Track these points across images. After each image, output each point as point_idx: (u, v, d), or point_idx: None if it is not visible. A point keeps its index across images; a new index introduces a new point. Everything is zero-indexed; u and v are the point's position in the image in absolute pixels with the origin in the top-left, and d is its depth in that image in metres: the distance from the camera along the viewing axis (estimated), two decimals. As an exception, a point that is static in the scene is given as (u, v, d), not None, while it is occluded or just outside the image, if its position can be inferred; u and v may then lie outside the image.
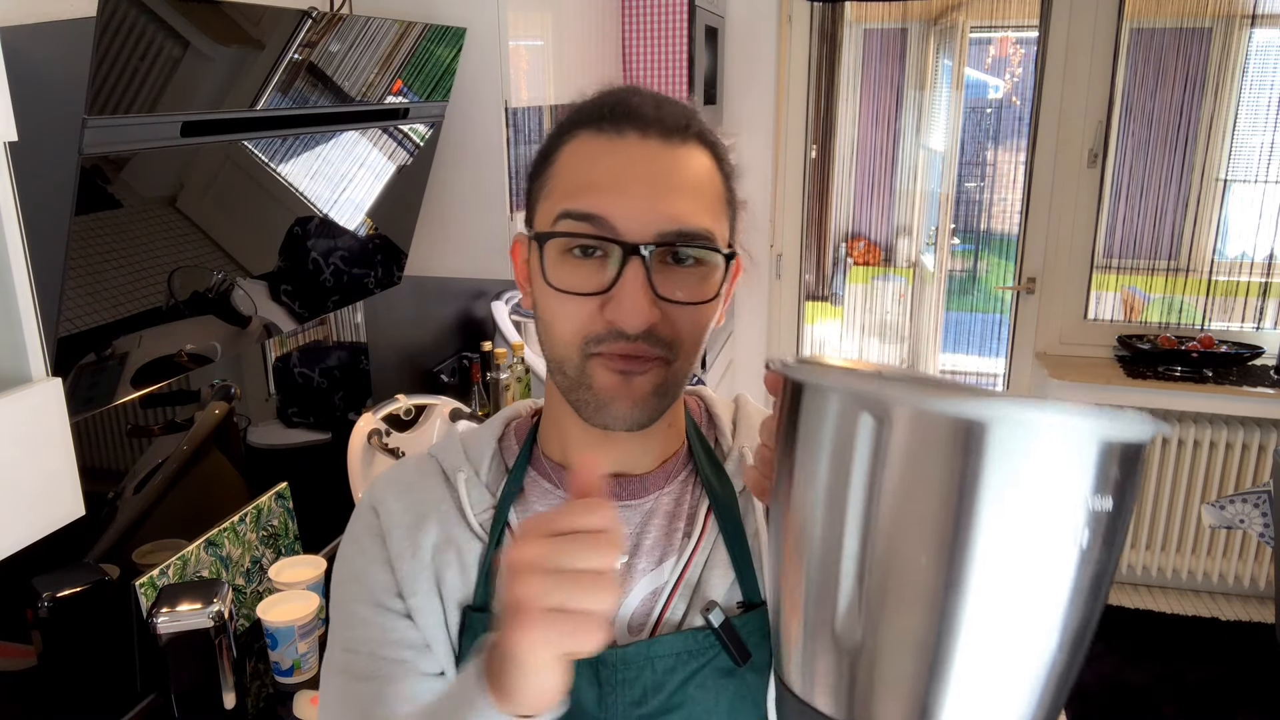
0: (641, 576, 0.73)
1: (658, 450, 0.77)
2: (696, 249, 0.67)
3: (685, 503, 0.76)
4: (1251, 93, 3.03)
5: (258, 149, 1.37)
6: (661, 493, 0.76)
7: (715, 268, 0.68)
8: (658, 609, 0.72)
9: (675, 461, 0.78)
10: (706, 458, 0.78)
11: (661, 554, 0.74)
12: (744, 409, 0.84)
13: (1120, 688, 2.80)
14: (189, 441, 1.57)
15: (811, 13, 3.21)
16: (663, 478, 0.77)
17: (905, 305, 3.93)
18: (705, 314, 0.69)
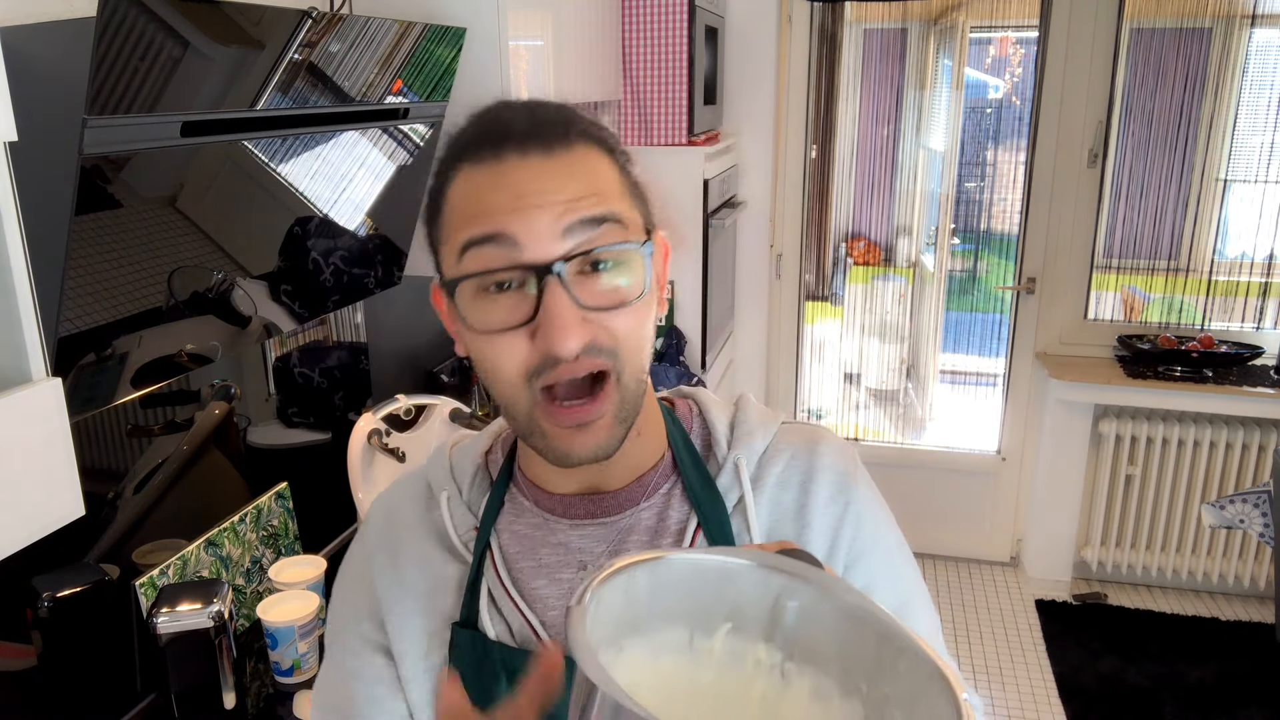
0: None
1: (628, 465, 0.73)
2: (610, 250, 0.63)
3: (670, 519, 0.73)
4: (1251, 93, 3.03)
5: (258, 149, 1.37)
6: (638, 508, 0.73)
7: (636, 261, 0.65)
8: None
9: (655, 474, 0.74)
10: (695, 469, 0.74)
11: None
12: (743, 413, 0.79)
13: (1120, 688, 2.80)
14: (189, 441, 1.57)
15: (811, 13, 3.21)
16: (639, 493, 0.73)
17: (905, 305, 3.93)
18: (640, 312, 0.66)
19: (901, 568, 0.76)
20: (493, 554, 0.75)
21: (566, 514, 0.74)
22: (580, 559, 0.73)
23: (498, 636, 0.72)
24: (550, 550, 0.73)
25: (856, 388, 4.00)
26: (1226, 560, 3.21)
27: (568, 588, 0.72)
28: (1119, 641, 3.02)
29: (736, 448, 0.75)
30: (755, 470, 0.74)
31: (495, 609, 0.73)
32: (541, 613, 0.72)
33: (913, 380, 4.04)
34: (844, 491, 0.74)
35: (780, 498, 0.73)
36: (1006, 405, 3.41)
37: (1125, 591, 3.32)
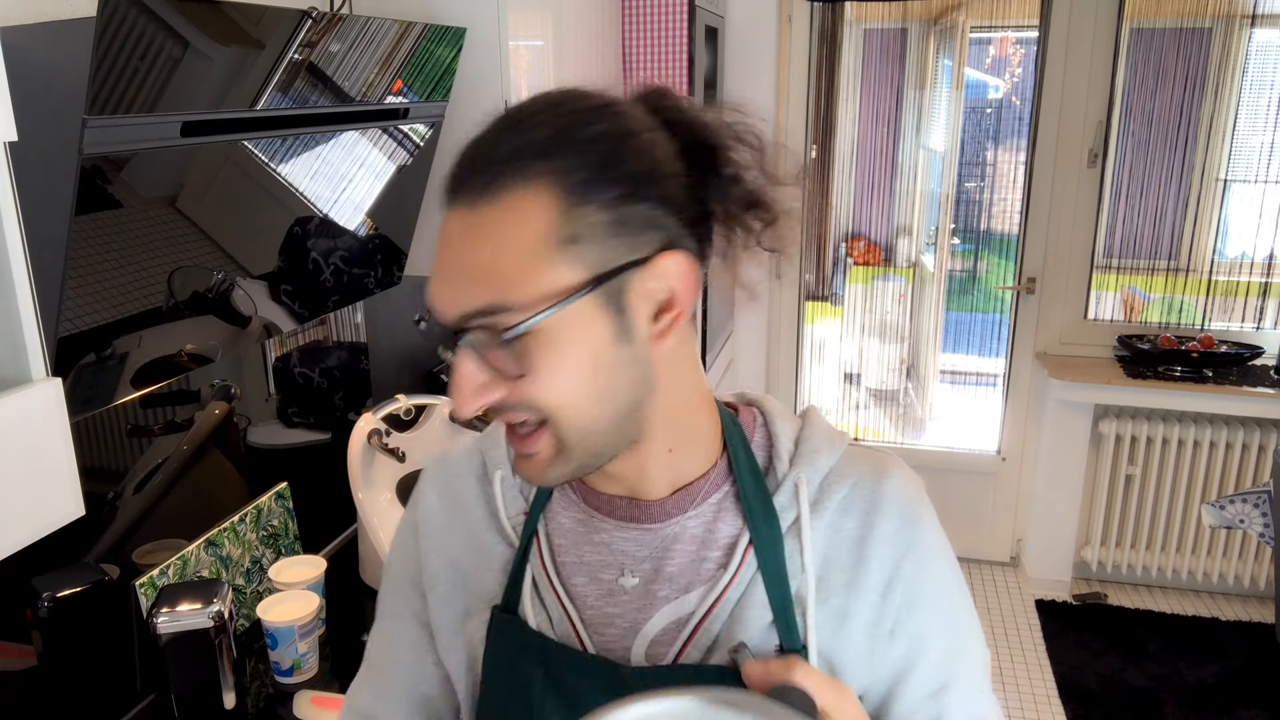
0: (664, 604, 0.70)
1: (664, 477, 0.71)
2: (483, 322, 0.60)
3: (720, 531, 0.70)
4: (1251, 93, 3.03)
5: (258, 149, 1.37)
6: (685, 516, 0.71)
7: (550, 329, 0.59)
8: (681, 639, 0.69)
9: (706, 483, 0.71)
10: (753, 481, 0.71)
11: (688, 582, 0.70)
12: (810, 428, 0.74)
13: (1120, 688, 2.80)
14: (189, 441, 1.57)
15: (811, 13, 3.21)
16: (684, 502, 0.71)
17: (905, 305, 3.93)
18: (555, 379, 0.60)
19: (957, 615, 0.73)
20: (539, 542, 0.74)
21: (611, 513, 0.72)
22: (621, 561, 0.72)
23: (538, 626, 0.72)
24: (593, 548, 0.73)
25: (856, 388, 4.00)
26: (1226, 560, 3.21)
27: (607, 589, 0.71)
28: (1119, 641, 3.02)
29: (799, 465, 0.72)
30: (817, 492, 0.71)
31: (538, 598, 0.73)
32: (581, 609, 0.72)
33: (913, 380, 4.04)
34: (909, 527, 0.70)
35: (841, 525, 0.70)
36: (1006, 405, 3.41)
37: (1125, 591, 3.32)
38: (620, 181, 0.60)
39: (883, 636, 0.69)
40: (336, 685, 1.47)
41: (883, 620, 0.69)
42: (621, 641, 0.70)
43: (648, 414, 0.66)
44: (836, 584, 0.69)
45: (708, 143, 0.65)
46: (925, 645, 0.70)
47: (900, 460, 0.75)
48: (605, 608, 0.71)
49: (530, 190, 0.59)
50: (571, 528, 0.74)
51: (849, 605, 0.68)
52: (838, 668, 0.68)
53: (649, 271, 0.61)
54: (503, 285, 0.59)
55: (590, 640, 0.71)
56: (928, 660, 0.70)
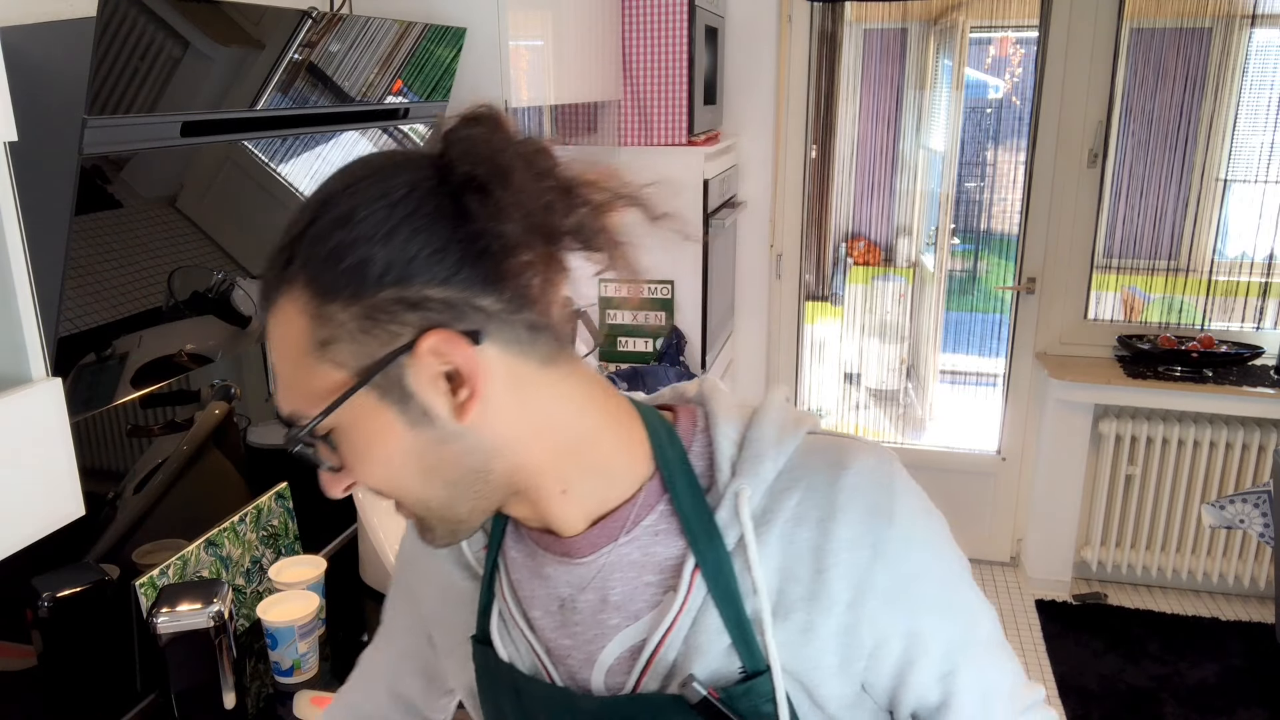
0: (615, 632, 0.68)
1: (571, 515, 0.67)
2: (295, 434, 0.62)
3: (658, 554, 0.67)
4: (1251, 93, 3.03)
5: (258, 149, 1.37)
6: (616, 545, 0.67)
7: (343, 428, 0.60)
8: (638, 668, 0.67)
9: (633, 508, 0.67)
10: (690, 498, 0.66)
11: (636, 610, 0.67)
12: (757, 427, 0.68)
13: (1120, 688, 2.80)
14: (189, 441, 1.57)
15: (811, 13, 3.21)
16: (611, 531, 0.67)
17: (905, 305, 3.93)
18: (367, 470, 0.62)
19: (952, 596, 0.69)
20: (501, 576, 0.74)
21: (546, 547, 0.70)
22: (561, 594, 0.70)
23: (509, 659, 0.72)
24: (540, 582, 0.71)
25: (856, 388, 4.00)
26: (1226, 560, 3.21)
27: (559, 620, 0.70)
28: (1119, 641, 3.02)
29: (741, 475, 0.66)
30: (764, 501, 0.66)
31: (505, 630, 0.73)
32: (545, 640, 0.71)
33: (913, 380, 4.04)
34: (874, 528, 0.64)
35: (795, 535, 0.65)
36: (1006, 405, 3.41)
37: (1125, 591, 3.32)
38: (360, 273, 0.57)
39: (864, 644, 0.65)
40: (336, 685, 1.47)
41: (858, 629, 0.65)
42: (581, 673, 0.69)
43: (507, 474, 0.64)
44: (796, 598, 0.65)
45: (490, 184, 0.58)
46: (923, 639, 0.67)
47: (862, 446, 0.68)
48: (561, 639, 0.70)
49: (288, 300, 0.59)
50: (523, 561, 0.73)
51: (812, 619, 0.64)
52: (807, 683, 0.66)
53: (416, 358, 0.58)
54: (291, 393, 0.62)
55: (555, 670, 0.70)
56: (930, 652, 0.67)
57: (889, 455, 0.68)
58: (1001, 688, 0.72)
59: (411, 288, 0.57)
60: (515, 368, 0.61)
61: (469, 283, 0.58)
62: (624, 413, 0.68)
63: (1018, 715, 0.73)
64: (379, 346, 0.58)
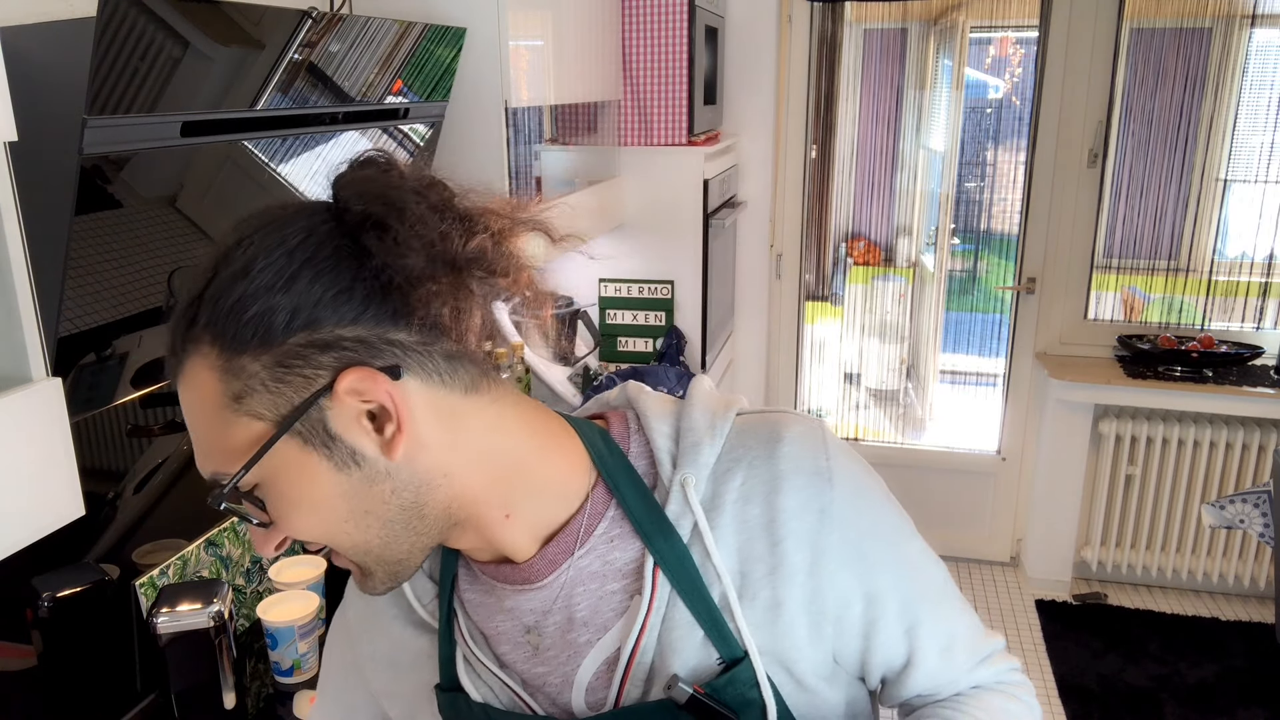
0: (587, 649, 0.67)
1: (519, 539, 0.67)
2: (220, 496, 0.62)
3: (617, 559, 0.67)
4: (1251, 93, 3.03)
5: (258, 149, 1.37)
6: (574, 559, 0.67)
7: (268, 481, 0.61)
8: (616, 680, 0.66)
9: (581, 520, 0.67)
10: (637, 498, 0.67)
11: (604, 621, 0.67)
12: (687, 417, 0.69)
13: (1120, 688, 2.80)
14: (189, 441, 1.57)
15: (811, 13, 3.21)
16: (565, 547, 0.67)
17: (905, 305, 3.93)
18: (298, 520, 0.62)
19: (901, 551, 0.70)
20: (459, 622, 0.73)
21: (502, 579, 0.70)
22: (526, 622, 0.69)
23: (483, 699, 0.71)
24: (503, 616, 0.70)
25: (856, 388, 4.00)
26: (1226, 560, 3.21)
27: (528, 651, 0.70)
28: (1119, 641, 3.02)
29: (682, 466, 0.67)
30: (710, 487, 0.67)
31: (475, 675, 0.72)
32: (519, 673, 0.71)
33: (913, 380, 4.04)
34: (816, 493, 0.66)
35: (746, 514, 0.66)
36: (1006, 405, 3.41)
37: (1125, 591, 3.32)
38: (265, 322, 0.57)
39: (829, 610, 0.66)
40: (336, 685, 1.47)
41: (820, 594, 0.66)
42: (561, 696, 0.69)
43: (444, 506, 0.63)
44: (759, 575, 0.65)
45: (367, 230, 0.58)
46: (882, 597, 0.68)
47: (792, 416, 0.70)
48: (534, 668, 0.70)
49: (197, 358, 0.59)
50: (480, 600, 0.72)
51: (777, 594, 0.65)
52: (785, 660, 0.66)
53: (336, 399, 0.58)
54: (210, 454, 0.61)
55: (534, 700, 0.70)
56: (889, 609, 0.68)
57: (818, 421, 0.70)
58: (960, 637, 0.73)
59: (321, 330, 0.57)
60: (438, 399, 0.61)
61: (379, 319, 0.58)
62: (557, 428, 0.69)
63: (979, 664, 0.74)
64: (295, 393, 0.58)
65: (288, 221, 0.59)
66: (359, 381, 0.58)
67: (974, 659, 0.73)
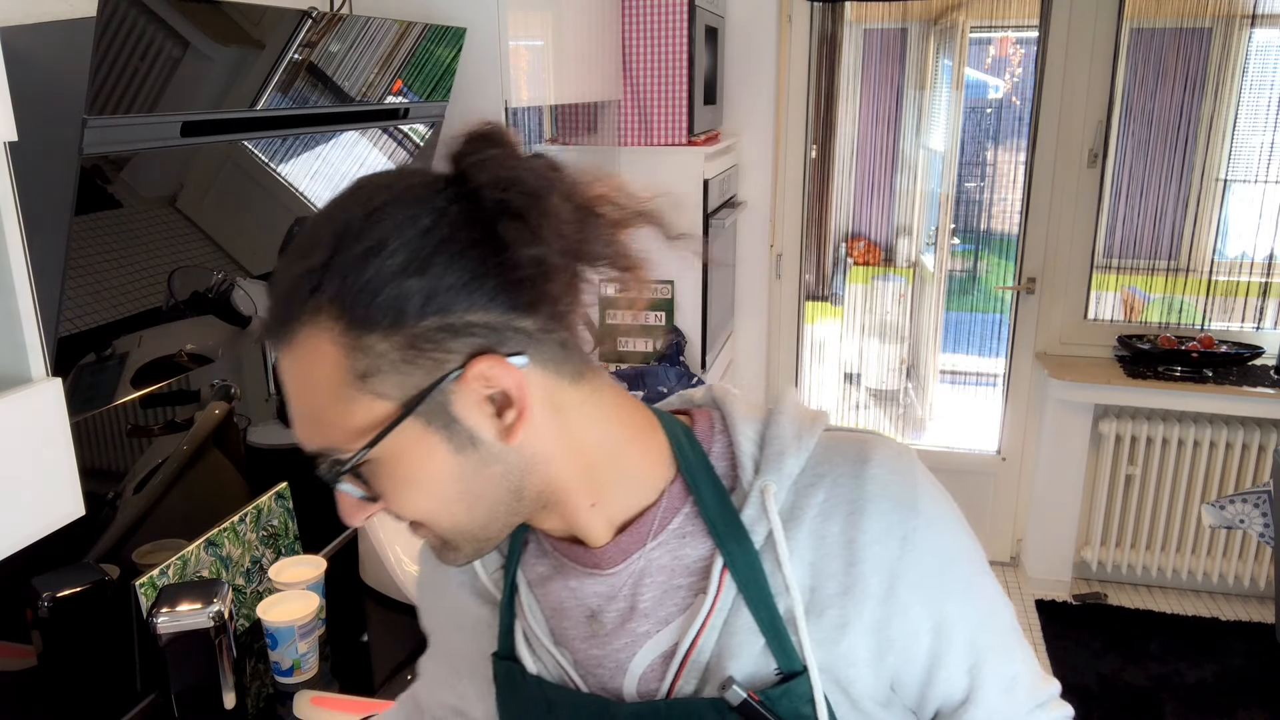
0: (645, 640, 0.68)
1: (597, 526, 0.68)
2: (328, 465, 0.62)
3: (687, 556, 0.67)
4: (1251, 93, 3.03)
5: (258, 149, 1.37)
6: (645, 550, 0.67)
7: (384, 459, 0.60)
8: (670, 673, 0.67)
9: (658, 512, 0.67)
10: (715, 499, 0.67)
11: (666, 615, 0.67)
12: (775, 426, 0.68)
13: (1120, 688, 2.80)
14: (189, 441, 1.57)
15: (811, 13, 3.21)
16: (638, 538, 0.68)
17: (905, 305, 3.93)
18: (407, 498, 0.62)
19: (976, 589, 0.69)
20: (521, 595, 0.73)
21: (573, 559, 0.70)
22: (590, 605, 0.70)
23: (537, 671, 0.72)
24: (568, 594, 0.71)
25: (856, 388, 4.00)
26: (1226, 560, 3.21)
27: (587, 632, 0.70)
28: (1119, 641, 3.02)
29: (765, 473, 0.66)
30: (790, 498, 0.66)
31: (530, 648, 0.72)
32: (573, 652, 0.71)
33: (913, 380, 4.04)
34: (902, 519, 0.64)
35: (825, 530, 0.65)
36: (1006, 405, 3.41)
37: (1125, 591, 3.32)
38: (402, 302, 0.56)
39: (895, 638, 0.65)
40: (336, 685, 1.47)
41: (890, 621, 0.65)
42: (612, 682, 0.69)
43: (539, 490, 0.64)
44: (830, 593, 0.64)
45: (507, 216, 0.57)
46: (950, 631, 0.67)
47: (882, 440, 0.69)
48: (590, 650, 0.70)
49: (315, 331, 0.58)
50: (546, 575, 0.72)
51: (846, 614, 0.64)
52: (843, 680, 0.65)
53: (463, 383, 0.58)
54: (322, 430, 0.60)
55: (584, 681, 0.70)
56: (956, 644, 0.67)
57: (908, 448, 0.69)
58: (1022, 679, 0.73)
59: (453, 315, 0.57)
60: (550, 386, 0.62)
61: (508, 307, 0.59)
62: (644, 420, 0.69)
63: (1035, 708, 0.74)
64: (424, 375, 0.58)
65: (419, 200, 0.58)
66: (489, 368, 0.58)
67: (1032, 702, 0.74)
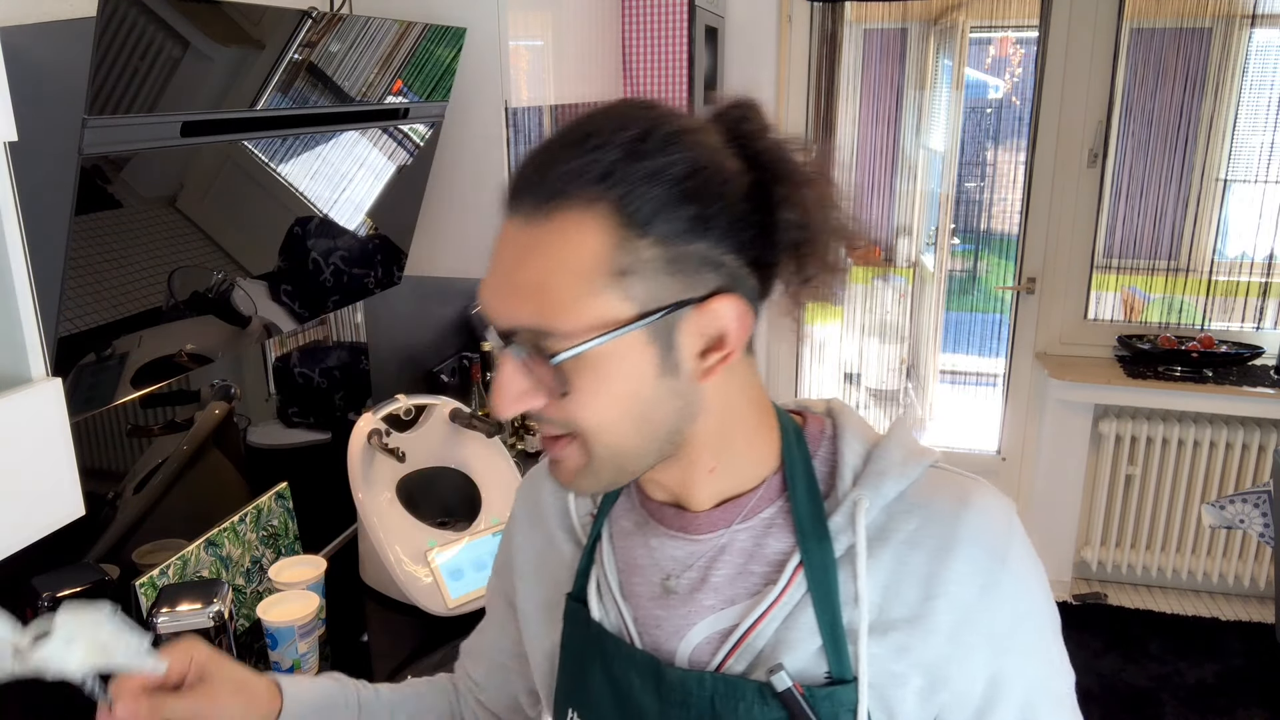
0: (706, 614, 0.69)
1: (707, 492, 0.70)
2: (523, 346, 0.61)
3: (769, 547, 0.69)
4: (1251, 93, 3.03)
5: (258, 149, 1.37)
6: (731, 529, 0.70)
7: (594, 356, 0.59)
8: (724, 649, 0.68)
9: (755, 497, 0.70)
10: (807, 499, 0.68)
11: (733, 594, 0.69)
12: (885, 447, 0.70)
13: (1120, 688, 2.80)
14: (189, 441, 1.57)
15: (811, 13, 3.21)
16: (729, 515, 0.70)
17: (905, 305, 3.92)
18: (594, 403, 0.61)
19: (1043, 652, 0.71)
20: (603, 542, 0.77)
21: (661, 520, 0.73)
22: (667, 567, 0.72)
23: (600, 619, 0.74)
24: (646, 551, 0.73)
25: (856, 388, 4.00)
26: (1226, 560, 3.21)
27: (655, 591, 0.72)
28: (1119, 641, 3.02)
29: (862, 487, 0.68)
30: (881, 518, 0.67)
31: (599, 596, 0.75)
32: (635, 608, 0.73)
33: (913, 380, 4.04)
34: (987, 571, 0.65)
35: (908, 557, 0.66)
36: (1006, 405, 3.41)
37: (1125, 591, 3.32)
38: (680, 219, 0.59)
39: (951, 679, 0.66)
40: (336, 685, 1.47)
41: (950, 662, 0.65)
42: (667, 644, 0.71)
43: (689, 438, 0.67)
44: (898, 618, 0.65)
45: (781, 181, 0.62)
46: (1008, 686, 0.67)
47: (987, 487, 0.69)
48: (654, 609, 0.72)
49: (587, 215, 0.59)
50: (631, 530, 0.76)
51: (909, 643, 0.65)
52: (889, 700, 0.66)
53: (701, 312, 0.61)
54: (551, 308, 0.59)
55: (639, 638, 0.72)
56: (1010, 700, 0.68)
57: (1009, 501, 0.70)
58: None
59: (716, 248, 0.61)
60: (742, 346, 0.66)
61: (753, 261, 0.63)
62: (768, 409, 0.72)
63: None
64: (672, 293, 0.60)
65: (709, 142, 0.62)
66: (727, 308, 0.62)
67: None
